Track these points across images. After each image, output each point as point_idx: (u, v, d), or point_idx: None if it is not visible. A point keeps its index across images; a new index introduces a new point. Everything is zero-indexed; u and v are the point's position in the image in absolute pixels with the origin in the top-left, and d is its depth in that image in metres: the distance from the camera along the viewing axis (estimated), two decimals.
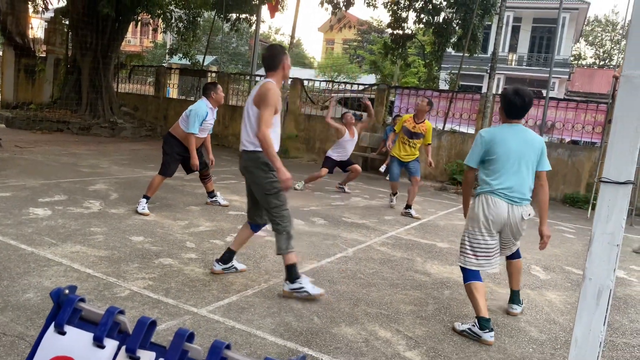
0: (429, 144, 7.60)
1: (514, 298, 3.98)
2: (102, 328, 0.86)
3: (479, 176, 3.80)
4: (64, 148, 10.44)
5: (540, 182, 3.74)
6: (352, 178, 8.78)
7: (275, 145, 3.77)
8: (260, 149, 3.72)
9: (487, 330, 3.36)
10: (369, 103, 8.31)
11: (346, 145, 8.52)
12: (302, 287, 3.72)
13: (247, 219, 4.15)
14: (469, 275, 3.56)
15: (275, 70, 3.86)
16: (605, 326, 1.76)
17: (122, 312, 0.88)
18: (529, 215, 3.66)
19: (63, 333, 0.89)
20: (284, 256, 3.80)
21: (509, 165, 3.58)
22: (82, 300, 0.90)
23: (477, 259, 3.57)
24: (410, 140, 7.43)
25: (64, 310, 0.89)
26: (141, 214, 5.71)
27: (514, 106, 3.60)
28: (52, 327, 0.90)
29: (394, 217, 7.10)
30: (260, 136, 3.63)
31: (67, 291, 0.91)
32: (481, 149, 3.67)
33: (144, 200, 5.87)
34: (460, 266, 3.64)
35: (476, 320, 3.41)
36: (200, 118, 5.99)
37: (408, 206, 7.40)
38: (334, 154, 8.56)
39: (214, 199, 6.70)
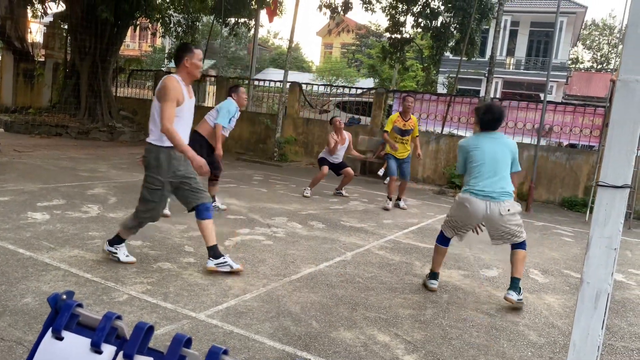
0: (416, 136, 8.30)
1: (513, 284, 4.14)
2: (100, 333, 0.86)
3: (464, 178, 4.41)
4: (63, 152, 10.44)
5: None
6: (347, 182, 8.77)
7: (184, 136, 4.03)
8: (155, 143, 3.99)
9: (432, 280, 4.35)
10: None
11: (336, 152, 8.56)
12: (116, 253, 4.18)
13: (187, 211, 4.29)
14: (440, 238, 4.44)
15: (178, 67, 4.05)
16: (603, 330, 1.77)
17: (119, 318, 0.88)
18: (508, 210, 4.05)
19: (60, 338, 0.89)
20: (122, 230, 4.20)
21: (484, 167, 4.11)
22: (80, 305, 0.90)
23: (451, 232, 4.37)
24: (402, 137, 8.06)
25: (62, 315, 0.89)
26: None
27: (485, 122, 4.25)
28: (49, 333, 0.90)
29: (393, 221, 7.11)
30: (164, 132, 3.86)
31: (64, 296, 0.91)
32: (462, 157, 4.30)
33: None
34: (440, 228, 4.47)
35: (429, 273, 4.41)
36: (230, 114, 6.31)
37: (398, 198, 8.23)
38: (326, 155, 8.59)
39: (213, 203, 6.67)
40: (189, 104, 4.12)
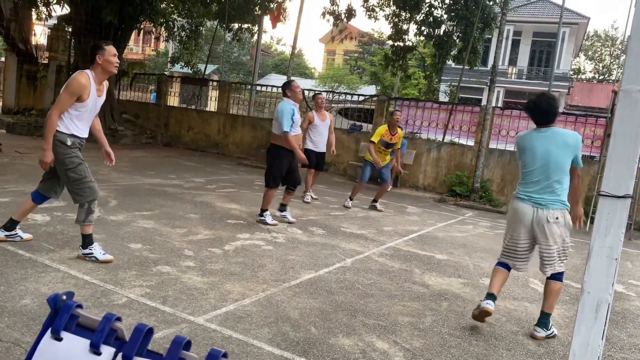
0: (399, 148, 8.58)
1: (540, 320, 3.82)
2: (99, 335, 0.85)
3: None
4: None
5: (572, 176, 3.75)
6: (313, 182, 8.73)
7: (83, 132, 4.21)
8: (60, 130, 4.07)
9: (488, 300, 3.71)
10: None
11: (319, 130, 8.32)
12: (92, 253, 4.21)
13: (39, 189, 4.41)
14: (498, 262, 4.01)
15: (93, 64, 4.15)
16: (603, 340, 1.76)
17: (119, 319, 0.87)
18: (556, 219, 3.65)
19: (60, 339, 0.88)
20: (81, 226, 4.24)
21: (533, 170, 3.72)
22: (80, 306, 0.90)
23: (503, 255, 3.96)
24: (386, 149, 8.31)
25: (61, 316, 0.89)
26: (272, 224, 6.31)
27: (531, 114, 3.79)
28: (48, 333, 0.90)
29: (393, 228, 7.10)
30: (47, 115, 4.05)
31: (64, 297, 0.91)
32: (518, 155, 3.92)
33: (267, 213, 6.42)
34: None
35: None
36: (288, 115, 6.22)
37: (375, 200, 8.60)
38: (309, 144, 8.30)
39: (283, 213, 6.71)
40: (94, 102, 4.22)
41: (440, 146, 11.70)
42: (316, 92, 9.59)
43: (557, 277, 3.81)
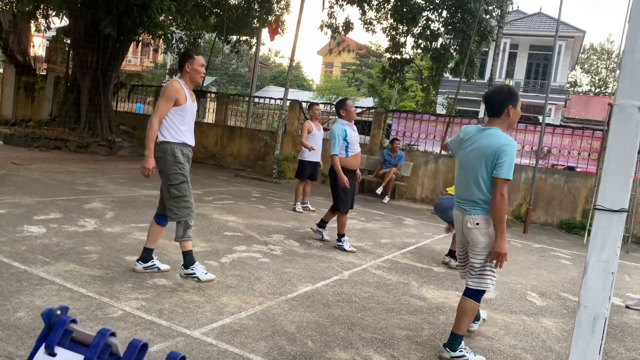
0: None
1: (448, 340, 3.42)
2: (93, 350, 0.85)
3: None
4: (61, 166, 10.44)
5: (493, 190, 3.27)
6: (309, 193, 8.89)
7: (189, 136, 4.31)
8: (168, 139, 4.13)
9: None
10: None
11: (317, 140, 8.57)
12: (194, 274, 4.19)
13: (159, 211, 4.42)
14: None
15: (181, 72, 4.26)
16: (600, 355, 1.75)
17: (113, 334, 0.87)
18: (477, 224, 3.29)
19: (53, 355, 0.88)
20: (180, 243, 4.24)
21: (459, 172, 3.50)
22: (74, 321, 0.89)
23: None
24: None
25: (55, 331, 0.88)
26: (350, 251, 6.09)
27: (485, 103, 3.48)
28: (42, 349, 0.89)
29: (390, 241, 7.09)
30: (149, 122, 4.08)
31: (58, 312, 0.90)
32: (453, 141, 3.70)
33: (344, 238, 6.21)
34: None
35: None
36: (339, 137, 6.00)
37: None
38: (305, 154, 8.52)
39: (320, 230, 6.61)
40: (191, 107, 4.31)
41: (437, 158, 11.72)
42: (312, 103, 9.70)
43: (466, 291, 3.43)
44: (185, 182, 4.21)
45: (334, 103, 8.19)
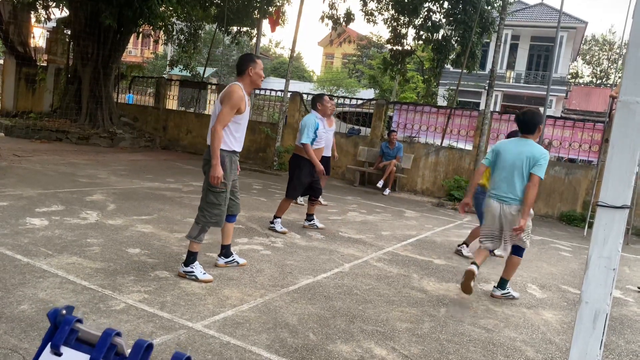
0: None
1: (501, 283, 4.79)
2: (99, 350, 0.86)
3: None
4: (63, 157, 10.44)
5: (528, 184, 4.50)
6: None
7: (241, 142, 4.28)
8: (221, 147, 4.11)
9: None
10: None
11: (328, 136, 8.28)
12: (193, 272, 4.19)
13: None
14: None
15: (242, 76, 4.21)
16: (601, 350, 1.76)
17: (119, 334, 0.88)
18: (518, 211, 4.49)
19: (59, 354, 0.89)
20: (190, 242, 4.24)
21: (503, 174, 4.59)
22: (80, 321, 0.90)
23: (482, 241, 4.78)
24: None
25: (61, 330, 0.89)
26: (281, 232, 6.23)
27: (518, 122, 4.66)
28: (48, 348, 0.90)
29: (391, 233, 7.10)
30: (212, 130, 4.05)
31: (64, 311, 0.91)
32: (491, 154, 4.79)
33: (277, 220, 6.35)
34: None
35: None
36: (311, 128, 6.23)
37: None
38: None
39: (312, 222, 6.77)
40: (247, 113, 4.29)
41: (438, 150, 11.71)
42: (326, 95, 9.48)
43: (516, 252, 4.74)
44: (225, 192, 4.23)
45: (334, 95, 8.11)
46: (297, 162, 6.35)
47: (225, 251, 4.65)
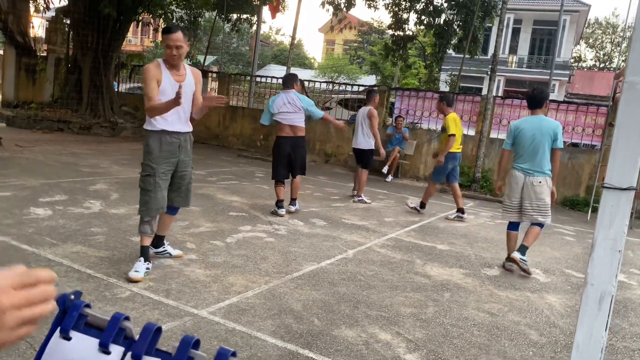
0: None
1: (521, 249, 5.11)
2: (108, 334, 0.86)
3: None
4: (65, 147, 10.44)
5: (553, 157, 5.10)
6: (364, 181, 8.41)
7: (166, 124, 4.19)
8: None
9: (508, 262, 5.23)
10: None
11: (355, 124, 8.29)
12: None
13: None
14: (508, 225, 5.35)
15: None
16: (607, 332, 1.77)
17: (127, 318, 0.88)
18: (539, 182, 5.02)
19: (69, 338, 0.89)
20: (141, 238, 4.02)
21: (529, 150, 5.09)
22: (88, 306, 0.90)
23: (506, 214, 5.30)
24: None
25: (70, 315, 0.89)
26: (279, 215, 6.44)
27: (528, 99, 5.29)
28: (57, 333, 0.90)
29: (394, 219, 7.11)
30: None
31: (72, 297, 0.91)
32: (511, 137, 5.30)
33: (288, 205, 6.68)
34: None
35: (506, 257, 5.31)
36: (268, 108, 6.55)
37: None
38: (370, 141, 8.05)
39: (292, 205, 6.76)
40: (168, 88, 4.22)
41: (440, 136, 11.67)
42: (374, 86, 9.20)
43: (538, 224, 5.15)
44: (151, 177, 4.03)
45: (335, 81, 8.09)
46: (275, 143, 6.64)
47: (155, 242, 4.23)
